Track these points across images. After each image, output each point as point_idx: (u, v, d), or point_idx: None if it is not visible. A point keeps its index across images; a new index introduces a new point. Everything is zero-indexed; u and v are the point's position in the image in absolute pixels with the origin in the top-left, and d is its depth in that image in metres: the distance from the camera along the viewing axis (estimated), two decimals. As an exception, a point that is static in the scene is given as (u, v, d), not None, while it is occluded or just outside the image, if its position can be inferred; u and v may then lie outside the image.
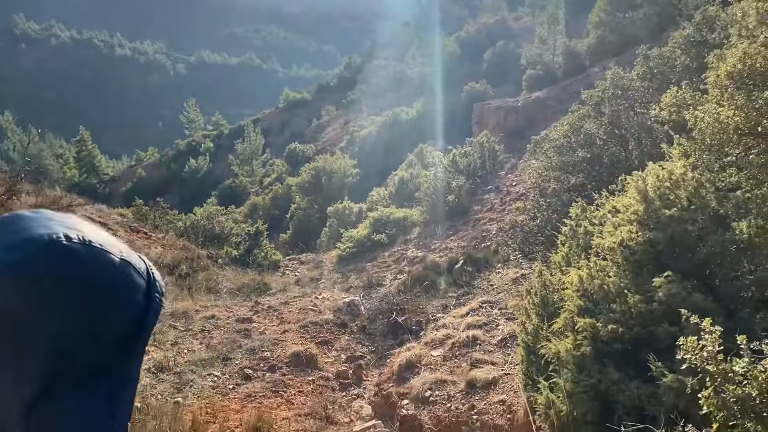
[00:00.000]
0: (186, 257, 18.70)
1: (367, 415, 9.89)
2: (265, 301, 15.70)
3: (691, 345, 2.33)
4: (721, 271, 7.23)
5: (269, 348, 12.19)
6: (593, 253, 8.14)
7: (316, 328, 13.65)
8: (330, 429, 9.18)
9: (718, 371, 2.14)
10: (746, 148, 7.01)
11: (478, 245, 17.88)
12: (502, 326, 11.97)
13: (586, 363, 6.98)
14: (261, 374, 11.04)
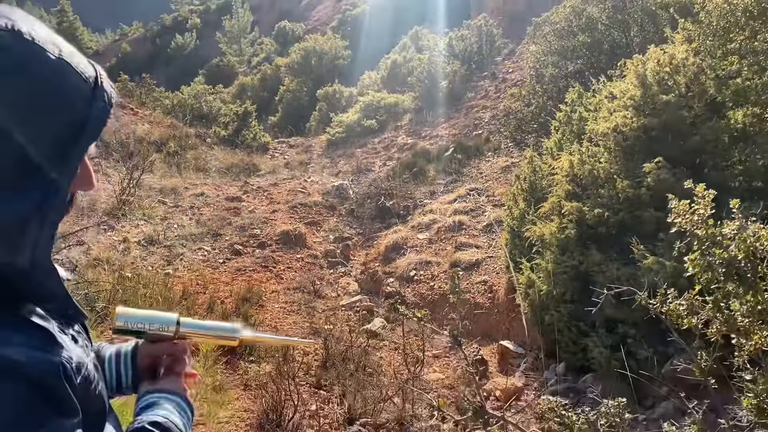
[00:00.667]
0: (174, 135, 18.43)
1: (354, 290, 10.19)
2: (255, 182, 15.71)
3: (682, 208, 2.32)
4: (711, 159, 7.21)
5: (259, 226, 12.32)
6: (586, 139, 8.07)
7: (304, 209, 13.76)
8: (318, 302, 9.47)
9: (707, 235, 2.14)
10: (753, 33, 6.76)
11: (469, 133, 17.72)
12: (488, 212, 12.11)
13: (569, 245, 7.11)
14: (251, 250, 11.22)
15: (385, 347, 8.09)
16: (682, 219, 2.27)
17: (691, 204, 2.33)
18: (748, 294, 2.03)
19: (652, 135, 7.21)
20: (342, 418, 5.61)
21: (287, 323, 8.41)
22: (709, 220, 2.21)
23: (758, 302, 2.04)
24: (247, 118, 21.63)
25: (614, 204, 6.91)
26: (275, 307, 8.93)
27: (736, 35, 7.24)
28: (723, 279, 2.08)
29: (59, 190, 1.00)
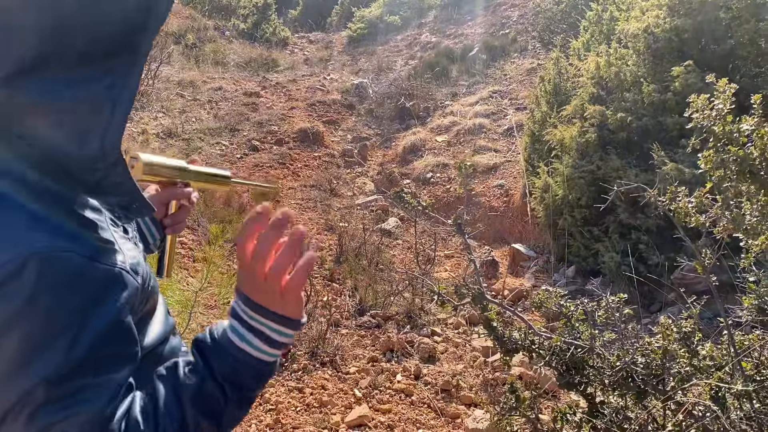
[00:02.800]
0: (192, 27, 17.99)
1: (370, 190, 10.24)
2: (273, 78, 15.46)
3: (701, 102, 2.24)
4: (744, 66, 6.92)
5: (276, 123, 12.25)
6: (615, 40, 7.75)
7: (323, 107, 13.60)
8: (334, 200, 9.56)
9: (724, 132, 2.07)
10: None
11: (496, 32, 17.05)
12: (510, 116, 11.87)
13: (588, 149, 7.01)
14: (268, 147, 11.23)
15: (398, 246, 8.23)
16: (700, 114, 2.19)
17: (711, 99, 2.24)
18: (759, 193, 1.99)
19: (684, 37, 6.90)
20: (353, 309, 5.81)
21: (303, 219, 8.54)
22: (728, 116, 2.14)
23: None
24: (266, 10, 20.97)
25: (638, 108, 6.73)
26: (291, 203, 9.04)
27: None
28: (735, 177, 2.04)
29: (130, 76, 0.97)
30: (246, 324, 1.00)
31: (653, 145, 6.14)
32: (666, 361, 2.00)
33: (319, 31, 22.71)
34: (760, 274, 2.53)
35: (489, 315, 2.34)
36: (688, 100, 2.84)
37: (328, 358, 4.71)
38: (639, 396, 2.02)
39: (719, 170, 2.05)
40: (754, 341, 2.42)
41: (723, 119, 2.07)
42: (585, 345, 2.12)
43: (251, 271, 0.96)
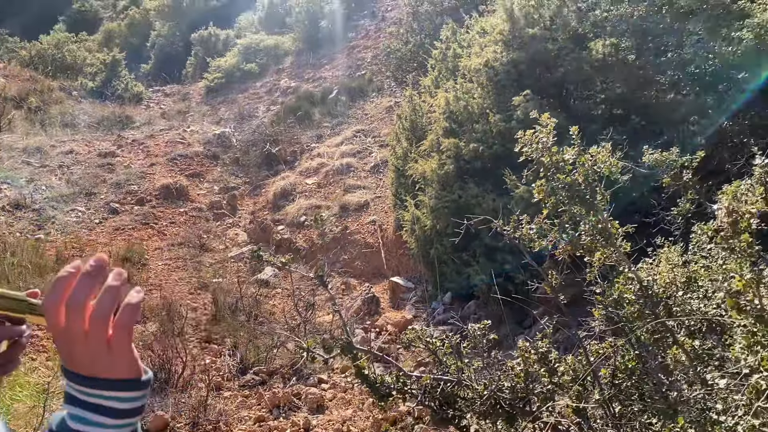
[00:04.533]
0: (34, 89, 16.88)
1: (243, 241, 10.02)
2: (129, 135, 14.81)
3: (528, 137, 2.43)
4: (576, 90, 7.62)
5: (136, 182, 11.71)
6: (460, 75, 8.23)
7: (185, 161, 13.20)
8: (205, 256, 9.24)
9: (551, 162, 2.26)
10: (608, -34, 7.07)
11: (353, 74, 17.54)
12: (375, 153, 12.19)
13: (449, 180, 7.33)
14: (129, 208, 10.68)
15: (277, 295, 8.09)
16: (528, 148, 2.38)
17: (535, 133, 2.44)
18: (589, 214, 2.18)
19: (520, 69, 7.46)
20: (235, 368, 5.60)
21: (172, 280, 8.16)
22: (553, 147, 2.33)
23: (598, 221, 2.20)
24: (116, 67, 20.18)
25: (488, 138, 7.16)
26: (159, 265, 8.63)
27: (594, -32, 7.55)
28: (567, 202, 2.22)
29: None
30: (81, 402, 0.85)
31: (505, 171, 6.54)
32: (529, 383, 2.10)
33: (174, 83, 22.17)
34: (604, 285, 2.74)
35: (360, 363, 2.35)
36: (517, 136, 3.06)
37: (212, 426, 4.48)
38: (509, 420, 2.11)
39: (552, 197, 2.23)
40: (607, 349, 2.61)
41: (549, 151, 2.26)
42: (453, 379, 2.19)
43: (69, 335, 0.81)
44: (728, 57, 5.22)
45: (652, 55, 6.93)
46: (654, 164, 3.36)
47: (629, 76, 7.04)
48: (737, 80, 5.48)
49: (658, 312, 2.20)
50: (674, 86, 6.45)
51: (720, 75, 5.76)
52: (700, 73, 5.91)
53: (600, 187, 2.22)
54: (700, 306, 2.47)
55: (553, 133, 2.41)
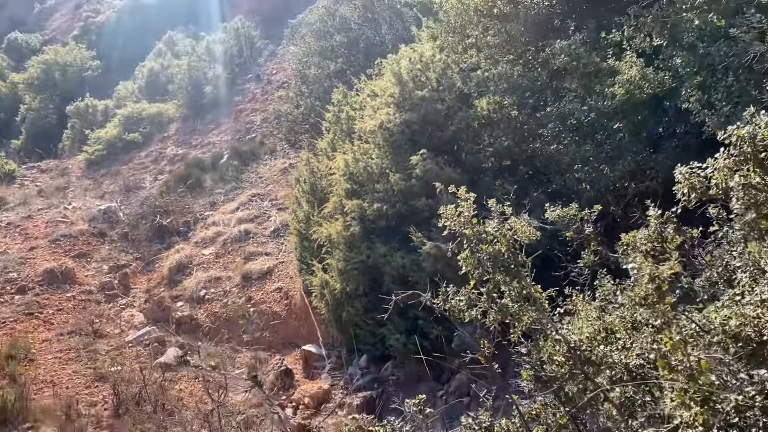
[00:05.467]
0: None
1: (140, 323, 9.43)
2: (3, 217, 13.69)
3: (450, 213, 2.49)
4: (466, 145, 7.96)
5: (15, 268, 10.78)
6: (356, 137, 8.37)
7: (69, 241, 12.36)
8: (100, 343, 8.59)
9: (473, 233, 2.32)
10: (485, 29, 7.56)
11: (243, 138, 17.38)
12: (273, 217, 12.03)
13: (355, 241, 7.34)
14: (9, 298, 9.79)
15: (184, 378, 7.62)
16: (451, 222, 2.43)
17: (456, 207, 2.51)
18: (513, 282, 2.25)
19: (413, 129, 7.72)
20: (146, 467, 5.17)
21: (66, 374, 7.50)
22: (473, 219, 2.40)
23: (522, 287, 2.27)
24: (-18, 145, 18.77)
25: (390, 197, 7.28)
26: (49, 359, 7.91)
27: (472, 31, 8.05)
28: (491, 271, 2.28)
29: None
30: None
31: (410, 228, 6.67)
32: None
33: (50, 158, 20.90)
34: (530, 346, 2.80)
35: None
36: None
37: None
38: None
39: (477, 269, 2.28)
40: (540, 409, 2.64)
41: (470, 223, 2.32)
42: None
43: None
44: (603, 110, 5.67)
45: (532, 109, 7.41)
46: (556, 220, 3.55)
47: (514, 129, 7.47)
48: (613, 130, 5.96)
49: (587, 370, 2.28)
50: (556, 137, 6.89)
51: (597, 126, 6.24)
52: (579, 124, 6.37)
53: (521, 255, 2.31)
54: (621, 357, 2.58)
55: (473, 208, 2.49)
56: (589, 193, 6.60)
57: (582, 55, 5.74)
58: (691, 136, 5.43)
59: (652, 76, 5.10)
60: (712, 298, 2.78)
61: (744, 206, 2.02)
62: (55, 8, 48.02)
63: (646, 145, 5.87)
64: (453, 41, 8.17)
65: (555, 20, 7.22)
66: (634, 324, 2.59)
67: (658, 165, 5.54)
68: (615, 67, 5.47)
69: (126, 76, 24.89)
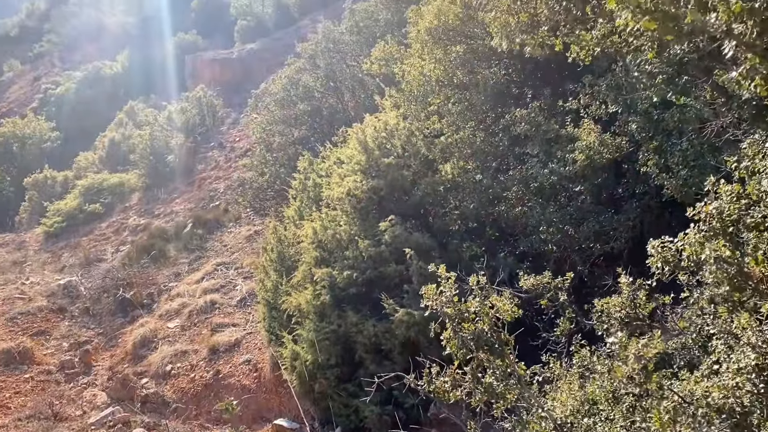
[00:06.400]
0: None
1: (103, 402, 9.04)
2: (-45, 297, 13.15)
3: (431, 292, 2.50)
4: (433, 209, 8.07)
5: (-33, 351, 10.29)
6: (324, 205, 8.41)
7: (27, 319, 11.91)
8: (60, 427, 8.17)
9: (456, 312, 2.33)
10: (446, 98, 7.80)
11: (206, 206, 17.26)
12: (240, 286, 11.84)
13: (326, 311, 7.26)
14: (-40, 384, 9.30)
15: (150, 461, 7.28)
16: (432, 302, 2.44)
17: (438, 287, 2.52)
18: (497, 360, 2.25)
19: (381, 194, 7.81)
20: None
21: (23, 465, 7.08)
22: (455, 298, 2.42)
23: (507, 365, 2.28)
24: (-67, 221, 18.19)
25: (360, 264, 7.27)
26: (4, 449, 7.48)
27: (434, 99, 8.31)
28: (475, 350, 2.28)
29: None
30: None
31: (381, 294, 6.65)
32: None
33: (7, 232, 20.35)
34: (513, 421, 2.78)
35: None
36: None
37: None
38: None
39: (462, 350, 2.28)
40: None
41: (452, 302, 2.34)
42: None
43: None
44: (565, 174, 5.85)
45: (495, 173, 7.61)
46: (531, 288, 3.60)
47: (479, 193, 7.63)
48: (575, 192, 6.13)
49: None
50: (520, 200, 7.05)
51: (559, 188, 6.42)
52: (541, 187, 6.54)
53: (504, 333, 2.32)
54: (605, 429, 2.58)
55: (454, 287, 2.51)
56: (556, 254, 6.74)
57: (541, 122, 5.96)
58: (650, 197, 5.63)
59: (610, 142, 5.32)
60: (688, 364, 2.83)
61: (716, 280, 2.10)
62: (12, 81, 47.77)
63: (607, 206, 6.06)
64: (416, 109, 8.40)
65: (513, 88, 7.51)
66: (616, 395, 2.61)
67: (620, 226, 5.70)
68: (574, 133, 5.69)
69: (86, 147, 24.71)
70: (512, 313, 2.39)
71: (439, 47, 7.48)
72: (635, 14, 2.28)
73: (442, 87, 7.73)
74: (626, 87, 4.74)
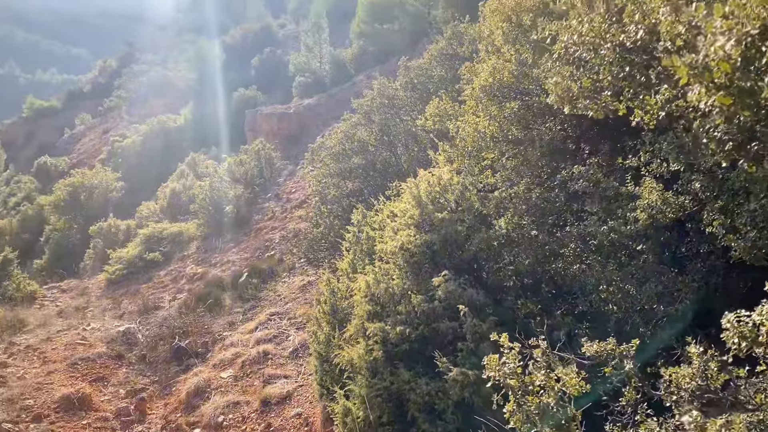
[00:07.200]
0: None
1: (156, 453, 9.10)
2: (22, 340, 13.65)
3: (493, 363, 2.45)
4: (487, 264, 7.97)
5: (31, 395, 10.60)
6: (377, 258, 8.43)
7: (87, 365, 12.22)
8: (113, 478, 8.25)
9: (519, 385, 2.27)
10: (500, 153, 7.80)
11: (261, 255, 17.59)
12: (292, 337, 11.89)
13: (378, 367, 7.17)
14: (24, 427, 9.55)
15: None
16: (495, 372, 2.39)
17: (500, 357, 2.47)
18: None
19: (434, 249, 7.77)
20: None
21: None
22: (518, 369, 2.36)
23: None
24: (7, 266, 19.10)
25: (413, 319, 7.20)
26: (60, 496, 7.58)
27: (487, 154, 8.32)
28: (540, 424, 2.20)
29: None
30: None
31: (434, 352, 6.54)
32: None
33: (71, 278, 21.20)
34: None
35: None
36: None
37: None
38: None
39: (526, 424, 2.21)
40: None
41: (516, 374, 2.28)
42: None
43: None
44: (626, 232, 5.71)
45: (552, 228, 7.49)
46: (594, 355, 3.48)
47: (534, 249, 7.51)
48: (636, 251, 5.96)
49: None
50: (578, 257, 6.90)
51: (618, 246, 6.26)
52: (601, 245, 6.39)
53: (570, 407, 2.24)
54: None
55: (518, 358, 2.45)
56: (617, 314, 6.52)
57: (600, 179, 5.87)
58: (716, 257, 5.42)
59: (673, 201, 5.18)
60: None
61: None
62: (83, 133, 50.61)
63: (671, 266, 5.85)
64: (470, 164, 8.42)
65: (569, 144, 7.46)
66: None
67: (685, 287, 5.49)
68: (635, 191, 5.58)
69: (149, 197, 25.75)
70: (579, 388, 2.31)
71: (494, 104, 7.54)
72: (709, 89, 2.24)
73: (496, 142, 7.75)
74: (690, 147, 4.65)
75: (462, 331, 6.87)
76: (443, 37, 14.91)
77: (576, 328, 6.73)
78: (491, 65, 7.59)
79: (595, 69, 4.35)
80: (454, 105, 9.82)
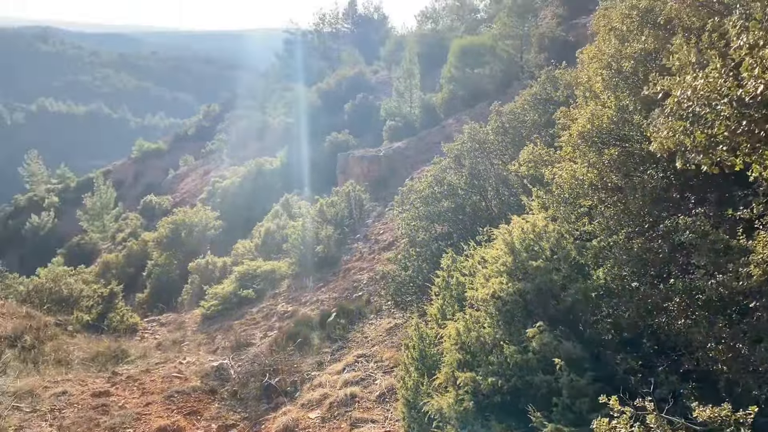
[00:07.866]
0: (30, 326, 16.73)
1: (244, 490, 9.23)
2: (124, 371, 14.41)
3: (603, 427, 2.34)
4: (584, 316, 7.67)
5: (131, 424, 11.11)
6: (467, 305, 8.32)
7: (182, 398, 12.69)
8: None
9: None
10: (599, 201, 7.58)
11: (349, 296, 17.79)
12: (379, 380, 11.85)
13: (468, 418, 7.01)
14: (122, 458, 9.99)
15: None
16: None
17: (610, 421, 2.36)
18: None
19: (527, 298, 7.59)
20: None
21: None
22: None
23: None
24: (113, 298, 20.36)
25: (505, 370, 7.01)
26: None
27: (585, 202, 8.11)
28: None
29: None
30: None
31: (528, 405, 6.32)
32: None
33: (170, 311, 22.26)
34: None
35: None
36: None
37: None
38: None
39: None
40: None
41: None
42: None
43: None
44: (737, 288, 5.36)
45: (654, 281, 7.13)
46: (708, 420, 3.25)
47: (636, 302, 7.16)
48: (749, 308, 5.57)
49: None
50: (683, 312, 6.52)
51: (730, 303, 5.87)
52: (709, 300, 6.02)
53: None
54: None
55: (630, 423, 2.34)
56: (727, 374, 6.08)
57: (709, 231, 5.57)
58: (843, 318, 4.97)
59: (792, 256, 4.83)
60: None
61: None
62: (186, 174, 53.72)
63: (789, 325, 5.41)
64: (566, 211, 8.22)
65: (673, 192, 7.14)
66: None
67: (807, 350, 5.05)
68: (747, 245, 5.25)
69: (244, 235, 26.81)
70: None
71: (592, 150, 7.37)
72: None
73: (595, 190, 7.54)
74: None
75: (558, 386, 6.61)
76: (537, 82, 14.82)
77: (681, 388, 6.32)
78: (590, 111, 7.45)
79: (709, 123, 4.17)
80: (548, 150, 9.69)
